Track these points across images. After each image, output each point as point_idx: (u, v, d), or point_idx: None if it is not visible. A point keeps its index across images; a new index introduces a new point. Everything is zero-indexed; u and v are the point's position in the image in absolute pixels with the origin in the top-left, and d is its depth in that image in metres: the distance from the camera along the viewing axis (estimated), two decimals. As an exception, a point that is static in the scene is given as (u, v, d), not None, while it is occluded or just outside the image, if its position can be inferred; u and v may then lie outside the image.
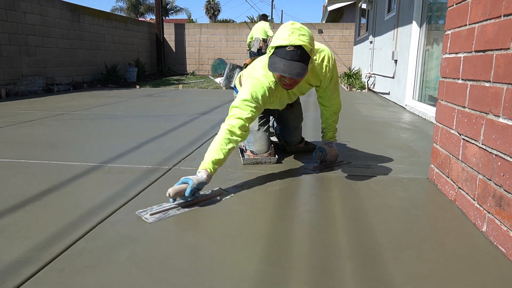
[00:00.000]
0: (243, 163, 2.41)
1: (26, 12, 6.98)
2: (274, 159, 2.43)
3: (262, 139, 2.46)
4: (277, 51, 1.81)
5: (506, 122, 1.32)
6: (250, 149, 2.48)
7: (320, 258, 1.28)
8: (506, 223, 1.30)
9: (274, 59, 1.82)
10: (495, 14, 1.43)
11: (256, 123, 2.47)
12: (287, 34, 1.78)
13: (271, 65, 1.83)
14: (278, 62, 1.80)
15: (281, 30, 1.83)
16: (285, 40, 1.77)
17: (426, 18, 4.84)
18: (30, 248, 1.32)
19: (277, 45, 1.80)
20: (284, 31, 1.80)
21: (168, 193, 1.65)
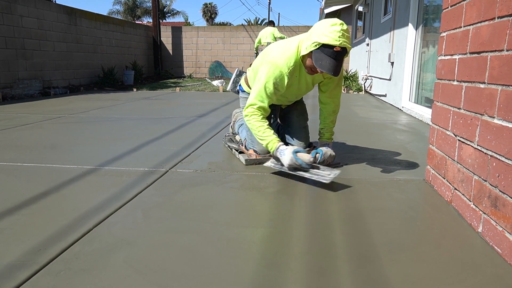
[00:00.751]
0: (245, 164, 2.41)
1: (23, 16, 6.98)
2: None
3: None
4: (324, 49, 1.91)
5: (501, 123, 1.33)
6: (254, 148, 2.49)
7: (317, 259, 1.28)
8: (502, 224, 1.31)
9: (320, 55, 1.93)
10: (489, 16, 1.44)
11: None
12: (338, 36, 1.88)
13: (318, 61, 1.93)
14: (324, 59, 1.91)
15: (329, 28, 1.91)
16: (335, 41, 1.88)
17: (422, 20, 4.86)
18: (26, 252, 1.31)
19: (325, 42, 1.89)
20: (334, 31, 1.89)
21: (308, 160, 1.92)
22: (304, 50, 2.01)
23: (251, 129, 2.20)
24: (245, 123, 2.55)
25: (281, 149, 2.02)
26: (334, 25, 1.91)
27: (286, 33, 13.06)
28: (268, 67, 2.16)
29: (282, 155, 2.01)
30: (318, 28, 1.96)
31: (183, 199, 1.83)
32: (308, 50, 1.97)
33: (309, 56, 2.03)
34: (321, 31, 1.93)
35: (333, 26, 1.91)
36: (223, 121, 4.14)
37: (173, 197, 1.85)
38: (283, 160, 1.99)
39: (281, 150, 2.03)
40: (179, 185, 2.03)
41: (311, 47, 1.95)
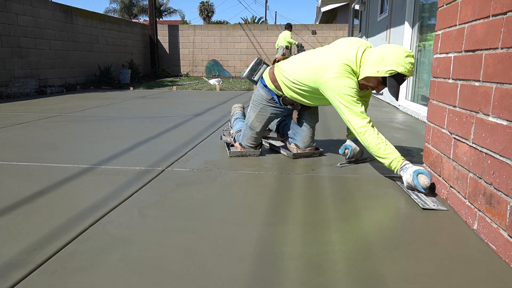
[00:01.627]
0: (229, 155, 2.57)
1: (18, 14, 6.94)
2: (258, 152, 2.62)
3: (256, 138, 2.61)
4: (397, 77, 2.07)
5: (496, 121, 1.34)
6: (241, 142, 2.63)
7: (313, 257, 1.28)
8: (496, 221, 1.32)
9: (393, 82, 2.08)
10: (484, 14, 1.44)
11: (261, 125, 2.58)
12: (411, 67, 2.07)
13: (391, 87, 2.08)
14: (396, 86, 2.08)
15: (405, 60, 2.05)
16: (409, 72, 2.07)
17: (418, 18, 4.87)
18: (21, 251, 1.31)
19: (401, 72, 2.05)
20: (409, 63, 2.06)
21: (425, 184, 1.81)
22: (375, 72, 2.10)
23: (369, 147, 2.06)
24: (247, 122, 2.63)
25: (405, 167, 1.92)
26: (409, 56, 2.06)
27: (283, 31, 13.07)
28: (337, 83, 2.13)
29: (404, 171, 1.92)
30: (393, 56, 2.06)
31: (180, 198, 1.83)
32: (381, 74, 2.08)
33: (376, 78, 2.14)
34: (396, 60, 2.05)
35: (408, 57, 2.05)
36: (219, 120, 4.13)
37: (170, 196, 1.85)
38: (404, 176, 1.91)
39: (405, 168, 1.92)
40: (175, 184, 2.03)
41: (386, 73, 2.07)
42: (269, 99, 2.54)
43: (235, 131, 2.80)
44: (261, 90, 2.56)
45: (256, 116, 2.57)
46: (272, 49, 12.94)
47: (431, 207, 1.71)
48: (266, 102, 2.54)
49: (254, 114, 2.58)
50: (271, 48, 13.03)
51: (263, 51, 13.25)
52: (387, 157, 1.99)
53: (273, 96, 2.52)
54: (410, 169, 1.88)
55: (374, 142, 2.02)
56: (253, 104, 2.61)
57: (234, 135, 2.77)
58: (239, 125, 2.86)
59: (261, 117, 2.57)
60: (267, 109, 2.56)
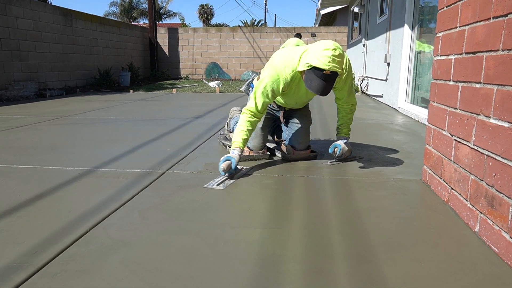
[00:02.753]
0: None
1: (18, 17, 6.95)
2: (267, 155, 2.62)
3: (261, 137, 2.61)
4: (315, 71, 2.03)
5: (497, 123, 1.33)
6: (248, 145, 2.59)
7: (314, 260, 1.28)
8: (498, 223, 1.31)
9: (310, 75, 2.05)
10: (485, 16, 1.44)
11: (260, 122, 2.59)
12: (328, 61, 1.98)
13: (307, 81, 2.07)
14: (314, 80, 2.03)
15: (321, 52, 2.01)
16: (324, 65, 1.98)
17: (418, 21, 4.88)
18: (22, 254, 1.30)
19: (315, 65, 2.01)
20: (325, 56, 1.99)
21: (222, 168, 2.10)
22: (301, 67, 2.13)
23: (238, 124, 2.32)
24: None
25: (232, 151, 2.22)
26: (326, 49, 2.00)
27: (282, 34, 13.10)
28: (268, 71, 2.27)
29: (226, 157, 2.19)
30: (313, 49, 2.07)
31: (180, 201, 1.82)
32: (302, 69, 2.10)
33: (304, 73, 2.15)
34: (314, 54, 2.03)
35: (325, 50, 2.00)
36: (219, 122, 4.13)
37: (170, 199, 1.84)
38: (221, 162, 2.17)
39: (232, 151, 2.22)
40: (176, 186, 2.02)
41: (304, 67, 2.07)
42: None
43: None
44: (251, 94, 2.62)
45: None
46: (271, 52, 12.95)
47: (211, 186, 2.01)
48: None
49: None
50: (271, 51, 13.05)
51: (262, 53, 13.28)
52: (235, 136, 2.28)
53: None
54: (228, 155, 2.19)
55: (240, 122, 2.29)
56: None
57: None
58: None
59: None
60: None
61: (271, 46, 13.12)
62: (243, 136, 2.26)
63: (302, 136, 2.60)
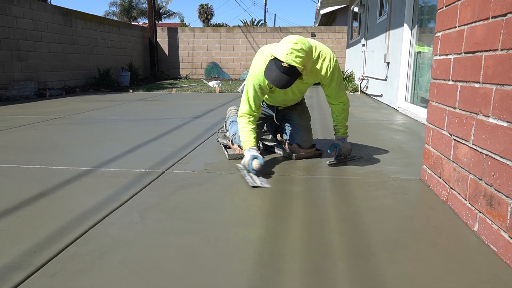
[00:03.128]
0: (228, 158, 2.56)
1: (18, 17, 6.95)
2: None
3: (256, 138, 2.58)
4: (275, 60, 2.05)
5: (496, 122, 1.34)
6: (239, 143, 2.59)
7: (314, 259, 1.28)
8: (497, 222, 1.32)
9: (271, 65, 2.08)
10: (484, 16, 1.45)
11: None
12: (286, 53, 2.00)
13: (267, 70, 2.10)
14: (272, 70, 2.06)
15: (283, 44, 2.04)
16: (283, 57, 2.01)
17: (417, 21, 4.88)
18: (21, 253, 1.31)
19: (275, 56, 2.04)
20: (285, 47, 2.01)
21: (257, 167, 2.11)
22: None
23: (239, 129, 2.38)
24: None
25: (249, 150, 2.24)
26: (289, 42, 2.03)
27: (282, 33, 13.09)
28: (251, 69, 2.33)
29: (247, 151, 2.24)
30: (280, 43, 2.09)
31: (180, 200, 1.82)
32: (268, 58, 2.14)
33: None
34: (279, 45, 2.07)
35: (287, 43, 2.03)
36: (219, 122, 4.13)
37: (170, 198, 1.85)
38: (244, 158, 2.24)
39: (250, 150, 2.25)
40: (175, 186, 2.03)
41: (269, 57, 2.12)
42: None
43: (231, 134, 2.80)
44: None
45: None
46: (272, 52, 12.96)
47: (258, 184, 2.02)
48: None
49: None
50: (271, 51, 13.04)
51: (262, 53, 13.25)
52: (243, 139, 2.31)
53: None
54: (251, 152, 2.19)
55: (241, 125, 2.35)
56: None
57: (231, 138, 2.77)
58: (235, 128, 2.85)
59: None
60: None
61: (271, 46, 13.11)
62: (251, 135, 2.32)
63: (305, 134, 2.61)
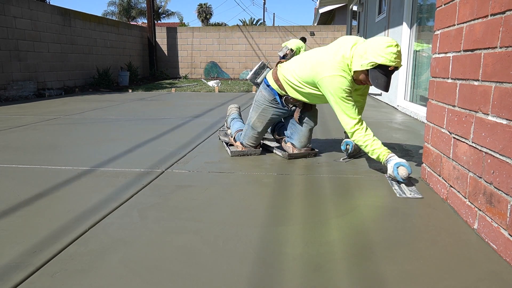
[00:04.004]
0: (230, 155, 2.59)
1: (16, 17, 6.94)
2: (259, 151, 2.68)
3: (257, 138, 2.66)
4: (380, 68, 2.05)
5: (495, 120, 1.34)
6: (242, 141, 2.67)
7: (313, 257, 1.28)
8: (497, 220, 1.32)
9: (376, 74, 2.07)
10: (483, 14, 1.45)
11: (262, 126, 2.62)
12: (394, 57, 2.02)
13: (374, 79, 2.08)
14: (380, 78, 2.06)
15: (386, 50, 2.02)
16: (391, 62, 2.02)
17: (416, 19, 4.88)
18: (21, 253, 1.31)
19: (382, 63, 2.03)
20: (390, 53, 2.02)
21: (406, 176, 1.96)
22: (359, 66, 2.11)
23: (357, 144, 2.20)
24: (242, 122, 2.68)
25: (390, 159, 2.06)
26: (390, 46, 2.03)
27: (281, 33, 13.08)
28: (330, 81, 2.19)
29: (388, 163, 2.07)
30: (374, 48, 2.05)
31: (179, 199, 1.82)
32: (364, 68, 2.09)
33: (363, 72, 2.14)
34: (377, 51, 2.04)
35: (389, 47, 2.02)
36: (218, 122, 4.13)
37: (169, 198, 1.85)
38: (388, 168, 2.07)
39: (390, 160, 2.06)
40: (175, 185, 2.03)
41: (367, 66, 2.07)
42: (271, 100, 2.57)
43: (234, 131, 2.82)
44: (264, 91, 2.60)
45: (258, 117, 2.61)
46: (270, 51, 12.97)
47: (407, 195, 1.86)
48: (268, 103, 2.58)
49: (256, 115, 2.62)
50: (270, 50, 13.05)
51: (261, 52, 13.26)
52: (374, 152, 2.13)
53: (276, 97, 2.56)
54: (392, 162, 2.03)
55: (362, 140, 2.16)
56: (255, 105, 2.66)
57: (234, 135, 2.79)
58: (237, 124, 2.90)
59: (262, 117, 2.61)
60: (268, 110, 2.59)
61: (270, 45, 13.11)
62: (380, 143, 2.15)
63: (305, 136, 2.60)
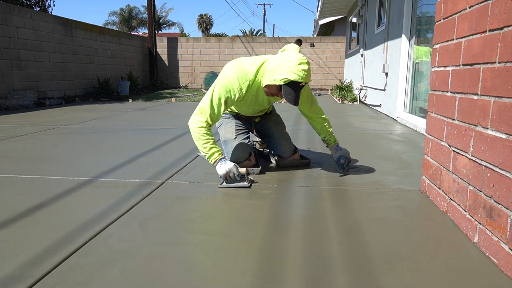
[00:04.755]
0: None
1: (19, 27, 6.99)
2: (257, 169, 2.47)
3: (240, 146, 2.49)
4: (291, 84, 2.09)
5: (494, 134, 1.35)
6: (231, 159, 2.46)
7: (314, 270, 1.28)
8: (497, 234, 1.32)
9: (288, 90, 2.11)
10: (481, 29, 1.47)
11: (233, 133, 2.54)
12: (303, 74, 2.07)
13: (287, 94, 2.12)
14: (291, 93, 2.11)
15: (297, 67, 2.07)
16: (302, 79, 2.07)
17: (415, 31, 4.93)
18: (21, 265, 1.30)
19: (294, 79, 2.07)
20: (302, 70, 2.07)
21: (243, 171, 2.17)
22: (271, 80, 2.14)
23: (196, 141, 2.26)
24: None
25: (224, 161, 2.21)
26: (302, 63, 2.08)
27: (281, 43, 13.18)
28: (221, 81, 2.25)
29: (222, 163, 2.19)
30: (286, 64, 2.09)
31: (180, 211, 1.82)
32: (276, 83, 2.12)
33: (275, 86, 2.17)
34: (289, 68, 2.08)
35: (301, 65, 2.07)
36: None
37: (170, 209, 1.85)
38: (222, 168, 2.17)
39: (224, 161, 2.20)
40: (175, 196, 2.03)
41: (280, 81, 2.10)
42: (227, 117, 2.64)
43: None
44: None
45: (225, 129, 2.59)
46: (271, 61, 13.03)
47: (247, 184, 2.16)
48: (226, 117, 2.64)
49: (223, 130, 2.60)
50: (270, 60, 13.11)
51: (261, 63, 13.33)
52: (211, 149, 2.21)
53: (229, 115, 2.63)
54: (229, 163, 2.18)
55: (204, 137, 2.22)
56: (218, 128, 2.67)
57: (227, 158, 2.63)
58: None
59: (229, 128, 2.57)
60: (230, 121, 2.62)
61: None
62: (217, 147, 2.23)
63: (283, 145, 2.63)
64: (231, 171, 2.15)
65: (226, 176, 2.16)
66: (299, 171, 2.56)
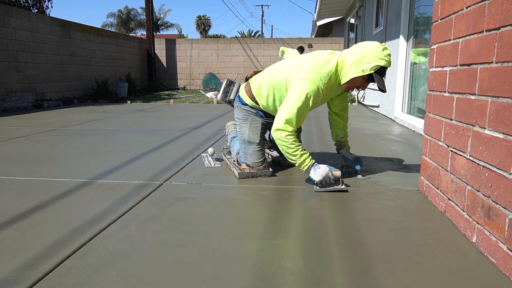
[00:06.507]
0: (238, 177, 2.39)
1: (16, 29, 6.98)
2: (269, 172, 2.46)
3: (260, 152, 2.48)
4: (380, 71, 2.13)
5: (492, 134, 1.35)
6: (246, 162, 2.45)
7: (312, 271, 1.28)
8: (495, 234, 1.32)
9: (378, 76, 2.14)
10: (478, 29, 1.47)
11: (258, 135, 2.49)
12: (389, 59, 2.13)
13: (379, 81, 2.14)
14: (381, 80, 2.14)
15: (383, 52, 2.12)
16: (388, 63, 2.13)
17: (413, 32, 4.94)
18: (18, 267, 1.30)
19: (384, 65, 2.11)
20: (387, 55, 2.13)
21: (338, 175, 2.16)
22: (359, 72, 2.13)
23: (284, 150, 2.19)
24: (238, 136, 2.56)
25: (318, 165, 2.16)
26: (385, 49, 2.14)
27: (279, 45, 13.19)
28: (306, 87, 2.16)
29: (316, 169, 2.15)
30: (371, 52, 2.12)
31: (178, 212, 1.82)
32: (366, 72, 2.12)
33: (361, 77, 2.17)
34: (376, 55, 2.11)
35: (385, 50, 2.13)
36: (217, 133, 4.14)
37: (168, 210, 1.84)
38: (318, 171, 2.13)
39: (317, 166, 2.16)
40: (173, 197, 2.02)
41: (370, 70, 2.11)
42: (254, 113, 2.51)
43: (235, 154, 2.63)
44: (243, 107, 2.53)
45: (250, 128, 2.49)
46: (269, 62, 13.05)
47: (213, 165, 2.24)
48: (253, 114, 2.51)
49: (247, 128, 2.49)
50: (268, 61, 13.14)
51: (259, 64, 13.35)
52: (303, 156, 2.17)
53: (257, 111, 2.51)
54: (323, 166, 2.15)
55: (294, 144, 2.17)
56: (241, 120, 2.54)
57: (235, 158, 2.60)
58: (237, 145, 2.68)
59: (254, 128, 2.49)
60: (257, 120, 2.51)
61: (268, 57, 13.21)
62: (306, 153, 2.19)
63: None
64: (327, 176, 2.12)
65: (323, 181, 2.12)
66: (298, 171, 2.55)
